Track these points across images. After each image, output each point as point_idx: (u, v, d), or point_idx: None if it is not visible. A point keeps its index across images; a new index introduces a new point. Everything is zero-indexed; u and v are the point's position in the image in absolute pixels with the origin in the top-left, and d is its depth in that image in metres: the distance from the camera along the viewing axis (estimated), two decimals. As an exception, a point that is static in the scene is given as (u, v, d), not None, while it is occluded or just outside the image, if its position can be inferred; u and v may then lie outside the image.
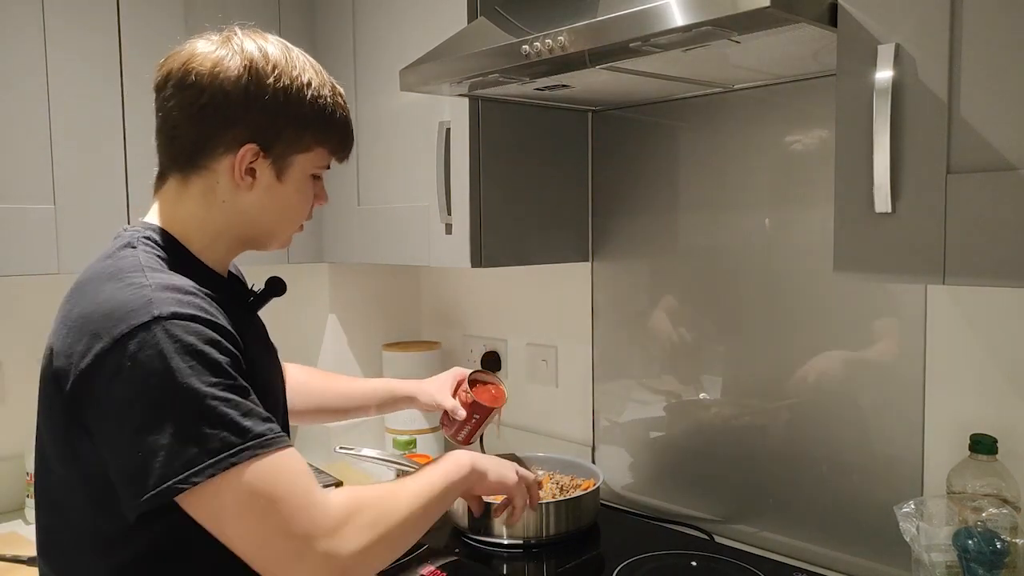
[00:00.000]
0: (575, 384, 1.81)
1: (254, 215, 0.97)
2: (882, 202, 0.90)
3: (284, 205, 0.98)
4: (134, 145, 1.53)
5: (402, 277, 2.16)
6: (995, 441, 1.13)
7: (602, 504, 1.60)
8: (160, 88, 0.93)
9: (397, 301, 2.15)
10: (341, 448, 1.56)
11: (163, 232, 0.94)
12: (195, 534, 0.82)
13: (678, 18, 0.93)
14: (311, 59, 0.98)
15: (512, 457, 1.54)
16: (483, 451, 1.43)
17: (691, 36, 0.99)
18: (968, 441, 1.15)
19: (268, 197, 0.96)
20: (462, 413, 1.35)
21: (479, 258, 1.50)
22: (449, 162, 1.50)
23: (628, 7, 0.99)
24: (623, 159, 1.66)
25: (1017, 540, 1.07)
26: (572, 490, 1.54)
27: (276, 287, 1.09)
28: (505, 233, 1.54)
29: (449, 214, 1.51)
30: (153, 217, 0.97)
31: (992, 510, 1.08)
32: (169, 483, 0.78)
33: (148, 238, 0.92)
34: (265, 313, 1.11)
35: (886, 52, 0.89)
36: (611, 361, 1.73)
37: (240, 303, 1.04)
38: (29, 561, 1.40)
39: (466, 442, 1.40)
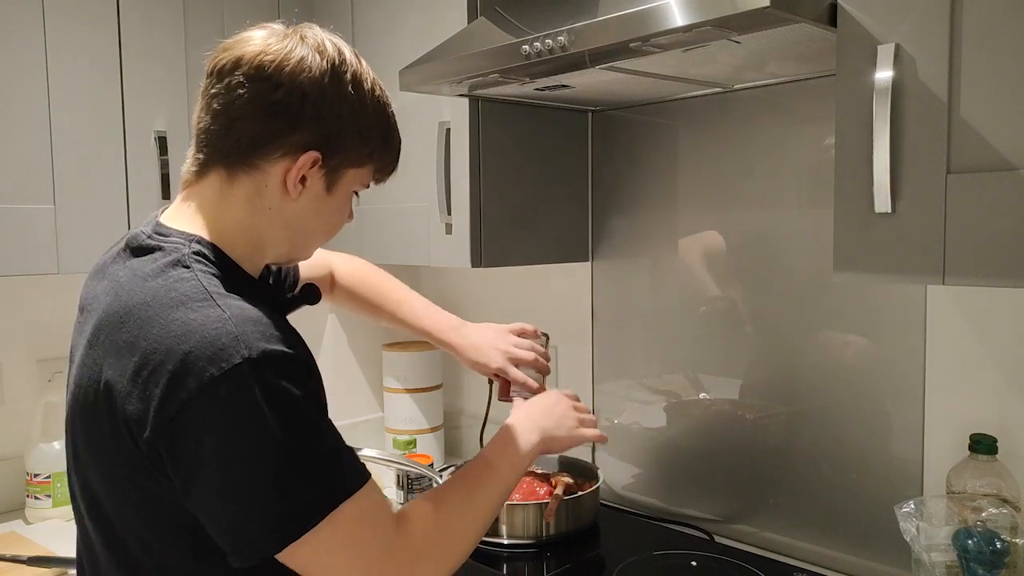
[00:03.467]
0: (575, 384, 1.81)
1: (296, 224, 0.89)
2: (882, 202, 0.90)
3: (326, 219, 0.92)
4: (134, 145, 1.53)
5: (402, 277, 2.15)
6: (995, 441, 1.13)
7: (602, 504, 1.60)
8: (224, 72, 0.84)
9: (397, 301, 2.15)
10: (341, 448, 1.56)
11: (212, 246, 0.85)
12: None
13: (678, 18, 0.93)
14: (372, 72, 0.93)
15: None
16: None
17: (691, 36, 0.99)
18: (968, 441, 1.15)
19: (313, 208, 0.89)
20: (534, 384, 1.26)
21: (479, 258, 1.50)
22: (449, 162, 1.50)
23: (628, 7, 0.99)
24: (623, 159, 1.66)
25: (1017, 540, 1.07)
26: (575, 489, 1.54)
27: (310, 296, 1.02)
28: (505, 233, 1.54)
29: (449, 214, 1.51)
30: (188, 219, 0.87)
31: (992, 510, 1.08)
32: (263, 543, 0.75)
33: (198, 254, 0.83)
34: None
35: (886, 52, 0.89)
36: (611, 361, 1.73)
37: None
38: (29, 561, 1.40)
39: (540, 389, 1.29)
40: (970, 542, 1.07)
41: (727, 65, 1.22)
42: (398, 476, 1.76)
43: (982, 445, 1.13)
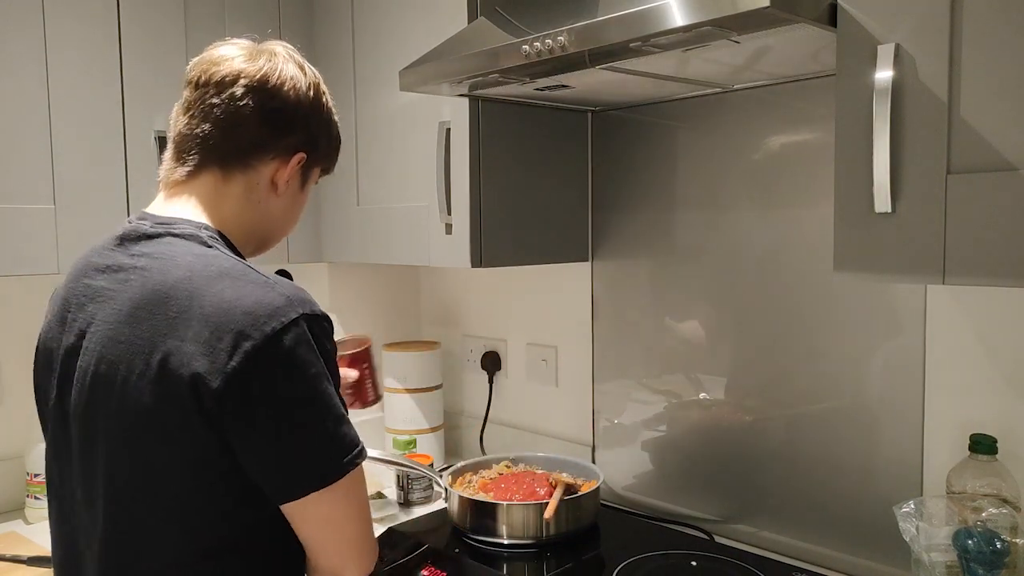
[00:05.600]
0: (575, 384, 1.81)
1: (276, 217, 1.02)
2: (882, 202, 0.90)
3: (296, 212, 1.06)
4: (134, 145, 1.53)
5: (402, 277, 2.16)
6: (995, 441, 1.13)
7: (602, 504, 1.60)
8: (225, 85, 0.94)
9: (397, 301, 2.15)
10: (341, 448, 1.56)
11: (219, 232, 0.95)
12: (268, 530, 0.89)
13: (678, 18, 0.93)
14: None
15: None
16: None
17: (691, 36, 0.99)
18: (968, 441, 1.15)
19: (290, 203, 1.03)
20: (353, 373, 1.38)
21: (479, 258, 1.50)
22: (449, 162, 1.50)
23: (628, 7, 0.99)
24: (623, 159, 1.66)
25: (1017, 540, 1.07)
26: (575, 489, 1.54)
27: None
28: (505, 233, 1.54)
29: (449, 214, 1.51)
30: (189, 211, 0.95)
31: (992, 510, 1.08)
32: (307, 480, 0.85)
33: (213, 237, 0.93)
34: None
35: (886, 52, 0.89)
36: (611, 361, 1.73)
37: None
38: (29, 561, 1.40)
39: (375, 399, 1.47)
40: (970, 542, 1.07)
41: (727, 65, 1.22)
42: (398, 476, 1.77)
43: (982, 445, 1.13)
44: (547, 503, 1.42)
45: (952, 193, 0.86)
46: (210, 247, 0.90)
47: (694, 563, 1.38)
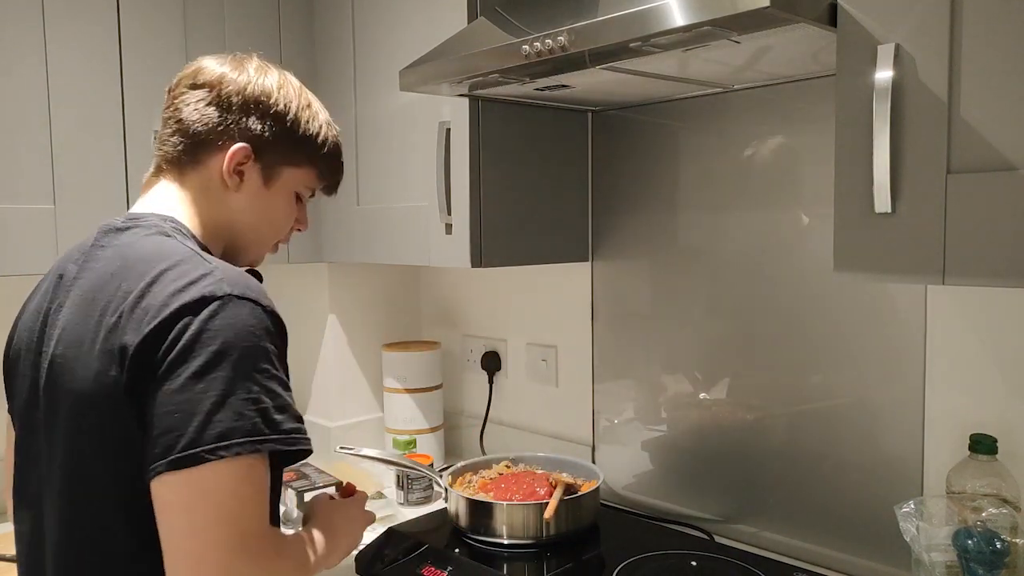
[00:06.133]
0: (575, 384, 1.81)
1: (239, 219, 1.02)
2: (882, 202, 0.90)
3: (268, 215, 1.04)
4: (134, 145, 1.53)
5: (402, 277, 2.16)
6: (995, 441, 1.13)
7: (602, 504, 1.60)
8: (172, 89, 1.02)
9: (397, 301, 2.15)
10: (342, 448, 1.56)
11: (179, 222, 0.97)
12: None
13: (678, 18, 0.93)
14: (318, 100, 1.08)
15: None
16: None
17: (691, 36, 0.99)
18: (968, 441, 1.15)
19: (253, 202, 1.02)
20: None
21: (479, 258, 1.50)
22: (449, 162, 1.50)
23: (628, 7, 0.99)
24: (623, 159, 1.66)
25: (1017, 540, 1.07)
26: (575, 489, 1.54)
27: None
28: (505, 233, 1.54)
29: (449, 214, 1.51)
30: (150, 209, 0.99)
31: (992, 510, 1.08)
32: (192, 450, 0.79)
33: (175, 228, 0.95)
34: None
35: (886, 52, 0.89)
36: (611, 361, 1.73)
37: None
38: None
39: None
40: (970, 542, 1.07)
41: (727, 65, 1.22)
42: (398, 476, 1.77)
43: (982, 445, 1.13)
44: (547, 503, 1.43)
45: (952, 193, 0.86)
46: (169, 236, 0.93)
47: (694, 563, 1.38)
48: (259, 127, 0.99)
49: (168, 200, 1.00)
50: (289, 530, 1.14)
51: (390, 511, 1.70)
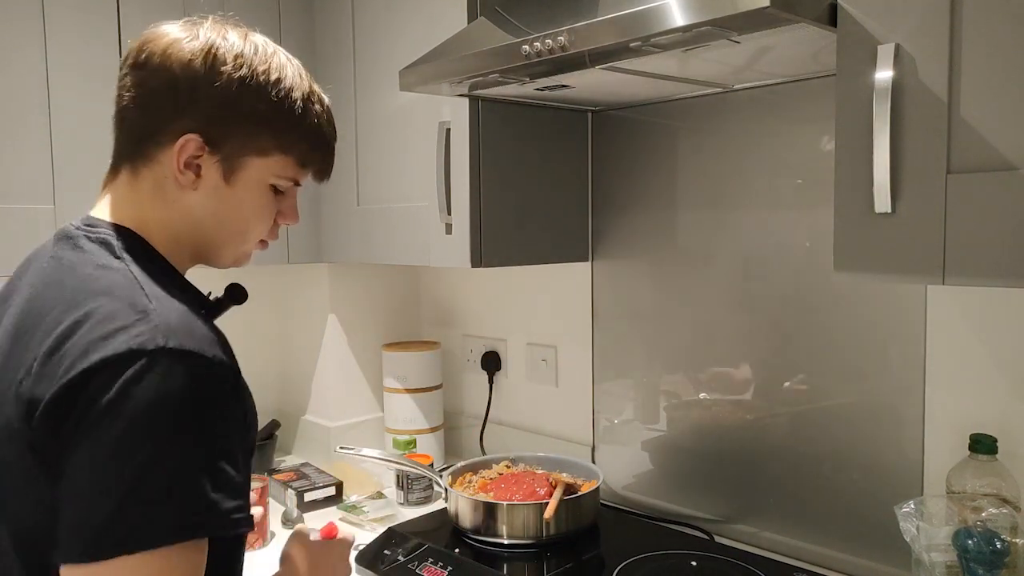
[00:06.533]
0: (575, 384, 1.81)
1: (201, 219, 0.87)
2: (882, 202, 0.90)
3: (233, 214, 0.88)
4: (134, 145, 1.53)
5: (402, 277, 2.16)
6: (995, 441, 1.13)
7: (602, 504, 1.60)
8: (119, 70, 0.86)
9: (397, 301, 2.15)
10: (342, 448, 1.56)
11: (133, 234, 0.85)
12: None
13: (678, 18, 0.93)
14: (297, 64, 0.89)
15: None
16: None
17: (691, 36, 0.99)
18: (968, 441, 1.15)
19: (215, 200, 0.87)
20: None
21: (479, 258, 1.50)
22: (449, 162, 1.50)
23: (628, 7, 0.99)
24: (623, 159, 1.66)
25: (1017, 540, 1.07)
26: (575, 489, 1.54)
27: (237, 295, 0.97)
28: (505, 233, 1.54)
29: (449, 214, 1.51)
30: (106, 213, 0.87)
31: (992, 510, 1.08)
32: (105, 542, 0.68)
33: (126, 247, 0.83)
34: (264, 313, 1.10)
35: (886, 52, 0.89)
36: (611, 361, 1.73)
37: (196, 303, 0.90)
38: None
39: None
40: (970, 542, 1.07)
41: (727, 65, 1.22)
42: (398, 476, 1.77)
43: (982, 445, 1.13)
44: (547, 503, 1.43)
45: (952, 193, 0.86)
46: (118, 258, 0.81)
47: (694, 563, 1.38)
48: (211, 111, 0.83)
49: (122, 204, 0.87)
50: (289, 530, 1.09)
51: (390, 511, 1.70)
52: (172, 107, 0.83)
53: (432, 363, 1.99)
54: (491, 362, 1.99)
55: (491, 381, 1.99)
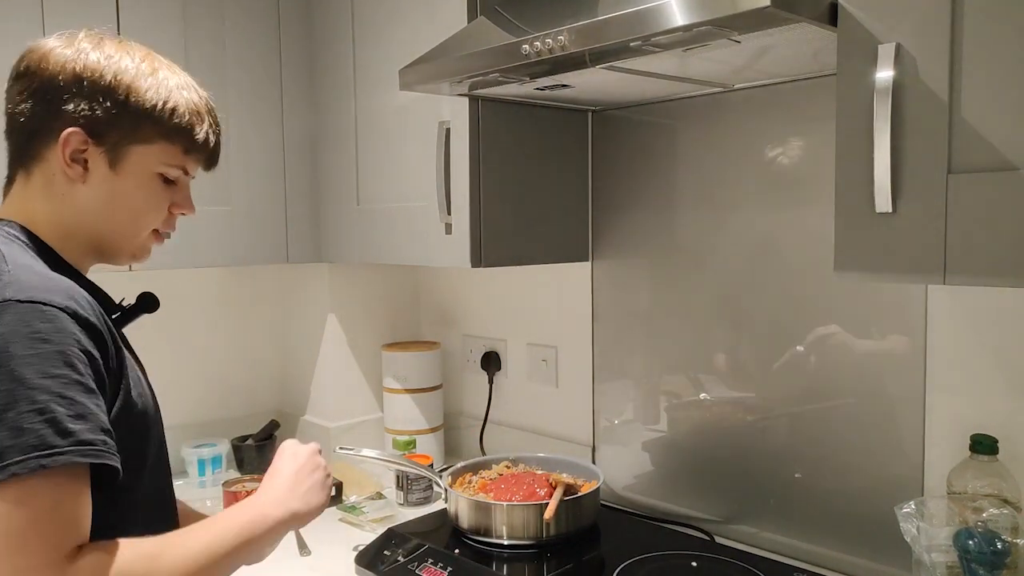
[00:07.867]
0: (575, 384, 1.81)
1: (92, 211, 0.92)
2: (882, 202, 0.90)
3: (123, 203, 0.93)
4: (134, 145, 1.53)
5: (402, 277, 2.16)
6: (996, 441, 1.13)
7: (602, 504, 1.60)
8: (5, 85, 0.93)
9: (397, 301, 2.15)
10: (341, 448, 1.56)
11: (16, 224, 0.90)
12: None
13: (678, 18, 0.93)
14: (174, 67, 0.97)
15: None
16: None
17: (691, 36, 0.98)
18: (968, 441, 1.15)
19: (105, 191, 0.92)
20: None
21: (479, 258, 1.50)
22: (449, 162, 1.50)
23: (628, 7, 0.99)
24: (623, 159, 1.66)
25: (1018, 540, 1.07)
26: (575, 489, 1.54)
27: (148, 303, 1.02)
28: (505, 233, 1.54)
29: (449, 214, 1.51)
30: (8, 211, 0.93)
31: (993, 510, 1.08)
32: None
33: (14, 236, 0.88)
34: (263, 313, 1.10)
35: (886, 52, 0.89)
36: (611, 361, 1.73)
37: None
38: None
39: None
40: (971, 543, 1.07)
41: (727, 65, 1.22)
42: (398, 476, 1.77)
43: (983, 445, 1.13)
44: (547, 503, 1.42)
45: (952, 193, 0.86)
46: (6, 243, 0.86)
47: (694, 564, 1.38)
48: (89, 106, 0.89)
49: (12, 202, 0.93)
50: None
51: (390, 511, 1.70)
52: (54, 104, 0.89)
53: (432, 363, 1.99)
54: (491, 362, 1.99)
55: (491, 381, 1.99)
